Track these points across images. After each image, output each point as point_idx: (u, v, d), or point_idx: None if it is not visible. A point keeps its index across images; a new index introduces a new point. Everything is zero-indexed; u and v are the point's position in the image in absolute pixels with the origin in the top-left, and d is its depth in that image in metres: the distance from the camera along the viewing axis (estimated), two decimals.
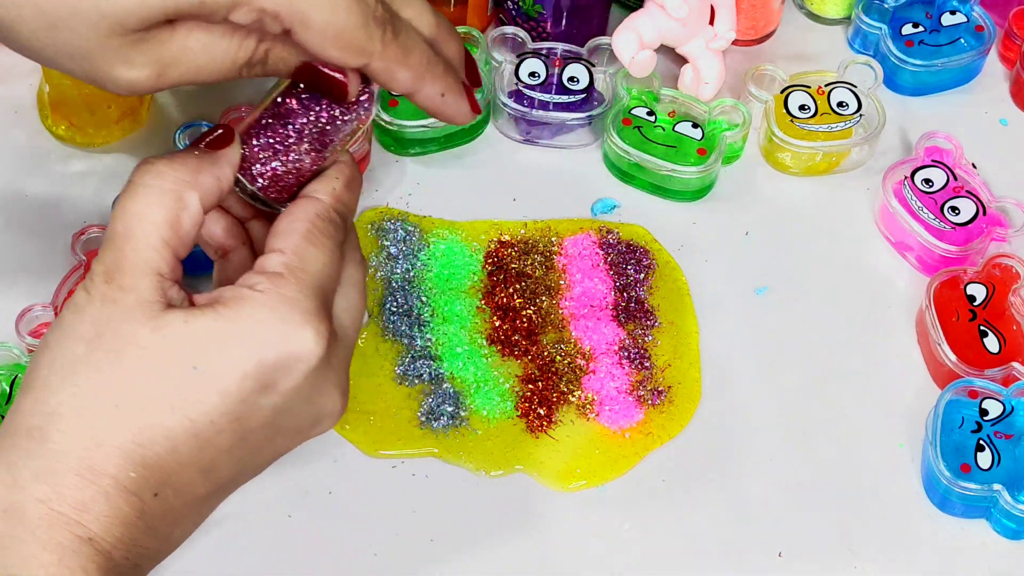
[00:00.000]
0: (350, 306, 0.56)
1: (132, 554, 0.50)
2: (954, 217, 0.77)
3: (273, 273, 0.53)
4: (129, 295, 0.51)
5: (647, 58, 0.81)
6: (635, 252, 0.77)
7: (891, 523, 0.69)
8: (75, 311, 0.51)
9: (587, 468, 0.69)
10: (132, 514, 0.50)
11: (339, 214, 0.56)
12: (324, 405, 0.54)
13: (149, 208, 0.53)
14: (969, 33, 0.86)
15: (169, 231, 0.52)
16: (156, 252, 0.52)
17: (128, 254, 0.52)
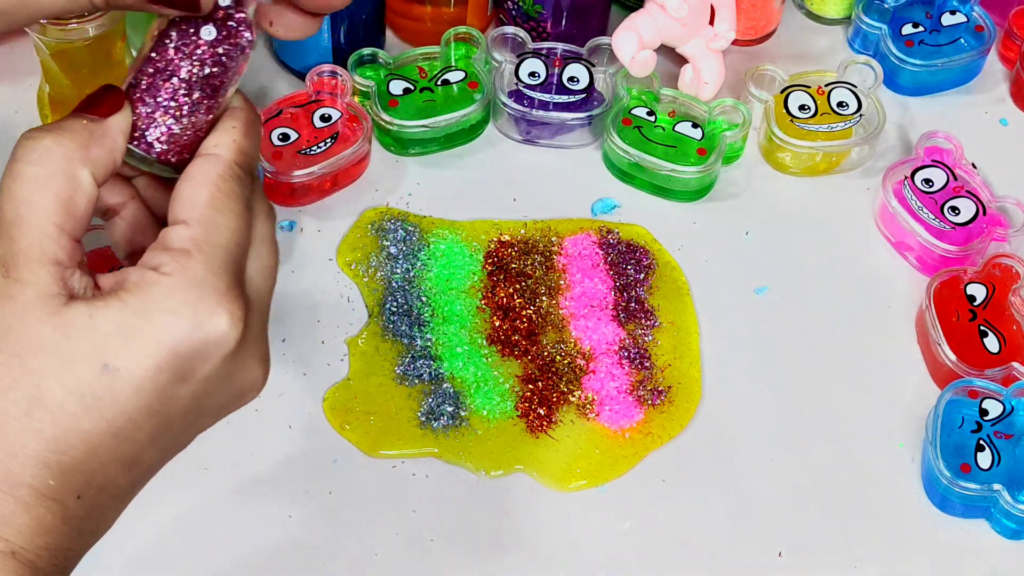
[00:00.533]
0: (262, 266, 0.52)
1: (59, 558, 0.48)
2: (954, 217, 0.77)
3: (180, 250, 0.49)
4: (27, 289, 0.47)
5: (647, 58, 0.81)
6: (635, 252, 0.77)
7: (891, 523, 0.69)
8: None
9: (587, 468, 0.69)
10: (55, 521, 0.47)
11: (242, 168, 0.51)
12: (245, 380, 0.51)
13: (38, 193, 0.48)
14: (969, 33, 0.86)
15: (63, 215, 0.48)
16: (51, 240, 0.48)
17: (21, 244, 0.48)
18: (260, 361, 0.51)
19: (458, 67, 0.82)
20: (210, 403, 0.50)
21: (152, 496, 0.67)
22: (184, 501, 0.67)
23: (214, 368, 0.49)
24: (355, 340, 0.73)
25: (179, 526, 0.66)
